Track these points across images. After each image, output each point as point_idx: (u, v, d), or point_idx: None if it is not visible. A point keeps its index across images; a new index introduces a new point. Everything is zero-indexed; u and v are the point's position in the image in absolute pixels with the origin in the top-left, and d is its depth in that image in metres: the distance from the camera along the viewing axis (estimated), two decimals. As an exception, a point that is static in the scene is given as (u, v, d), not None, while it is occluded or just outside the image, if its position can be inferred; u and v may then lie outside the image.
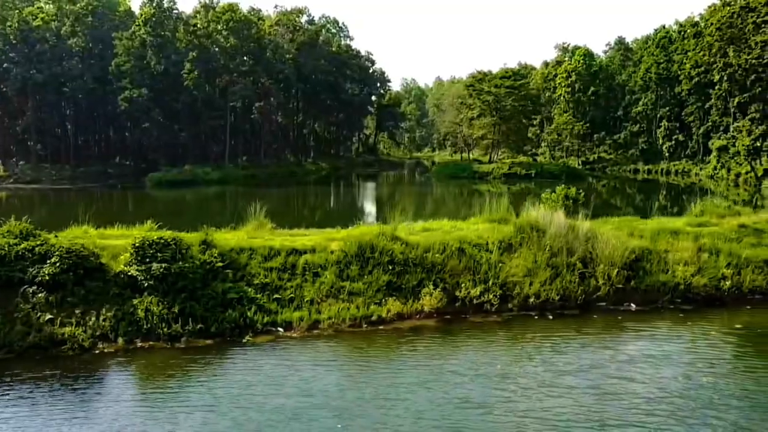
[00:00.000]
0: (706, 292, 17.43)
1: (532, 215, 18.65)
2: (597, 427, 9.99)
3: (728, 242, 19.31)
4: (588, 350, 13.74)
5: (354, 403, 10.93)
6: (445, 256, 17.02)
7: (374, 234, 17.27)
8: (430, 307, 15.82)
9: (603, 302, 16.94)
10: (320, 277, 16.40)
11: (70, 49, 70.14)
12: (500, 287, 16.58)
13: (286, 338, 14.53)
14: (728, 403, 10.78)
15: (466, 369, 12.47)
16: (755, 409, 10.56)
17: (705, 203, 23.80)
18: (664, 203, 57.09)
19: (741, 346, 13.95)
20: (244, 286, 15.72)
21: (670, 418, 10.22)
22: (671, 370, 12.31)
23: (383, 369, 12.69)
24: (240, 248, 16.99)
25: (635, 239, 18.93)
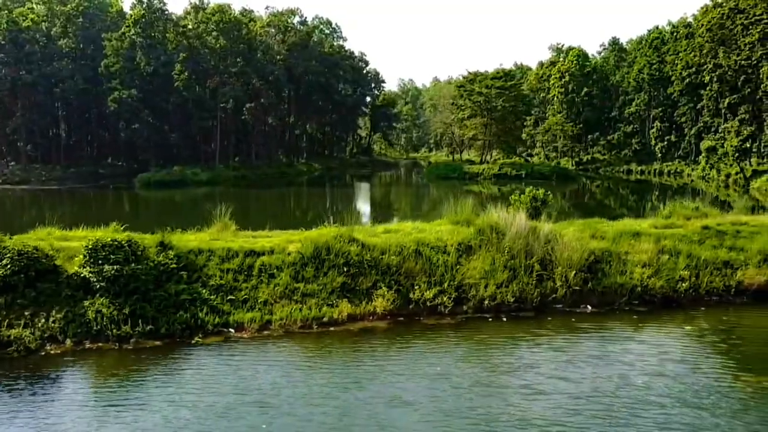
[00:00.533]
0: (662, 294, 17.48)
1: (493, 217, 18.71)
2: (518, 425, 10.11)
3: (689, 244, 19.36)
4: (531, 351, 13.83)
5: (286, 401, 11.05)
6: (402, 258, 17.08)
7: (331, 236, 17.35)
8: (382, 308, 15.89)
9: (560, 304, 17.00)
10: (275, 278, 16.48)
11: (60, 49, 70.24)
12: (456, 289, 16.65)
13: (236, 339, 14.60)
14: (658, 403, 10.87)
15: (405, 369, 12.59)
16: (681, 408, 10.64)
17: (673, 205, 23.81)
18: (656, 204, 57.04)
19: (686, 348, 14.01)
20: (198, 287, 15.80)
21: (593, 417, 10.32)
22: (608, 370, 12.40)
23: (322, 368, 12.79)
24: (199, 250, 17.07)
25: (596, 241, 19.02)
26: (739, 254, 19.17)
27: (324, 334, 15.06)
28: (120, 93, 64.35)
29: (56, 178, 67.25)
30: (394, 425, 10.16)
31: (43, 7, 72.23)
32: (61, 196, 54.10)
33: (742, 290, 18.10)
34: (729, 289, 18.02)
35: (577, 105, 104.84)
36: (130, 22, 66.38)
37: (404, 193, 66.27)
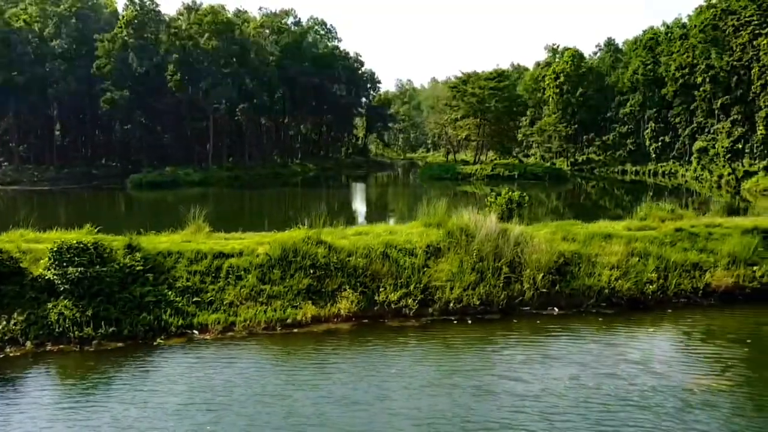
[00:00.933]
0: (630, 296, 17.54)
1: (463, 219, 18.77)
2: (460, 423, 10.25)
3: (660, 246, 19.40)
4: (488, 352, 13.97)
5: (237, 400, 11.17)
6: (369, 260, 17.14)
7: (299, 238, 17.43)
8: (346, 310, 15.96)
9: (527, 306, 17.04)
10: (242, 280, 16.55)
11: (53, 50, 70.33)
12: (422, 292, 16.71)
13: (200, 341, 14.68)
14: (602, 402, 10.98)
15: (361, 370, 12.73)
16: (624, 408, 10.77)
17: (649, 206, 23.88)
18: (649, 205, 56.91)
19: (644, 349, 14.07)
20: (164, 289, 15.87)
21: (537, 415, 10.45)
22: (562, 371, 12.50)
23: (278, 369, 12.96)
24: (168, 252, 17.15)
25: (567, 243, 19.07)
26: (709, 256, 19.24)
27: (287, 336, 15.14)
28: (112, 94, 64.43)
29: (49, 179, 67.36)
30: (337, 424, 10.29)
31: (35, 8, 72.30)
32: (51, 197, 54.23)
33: (710, 292, 18.17)
34: (697, 291, 18.08)
35: (572, 105, 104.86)
36: (122, 23, 66.46)
37: (396, 193, 66.40)
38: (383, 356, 13.70)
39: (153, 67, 67.66)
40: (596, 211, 45.45)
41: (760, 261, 19.32)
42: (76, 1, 71.67)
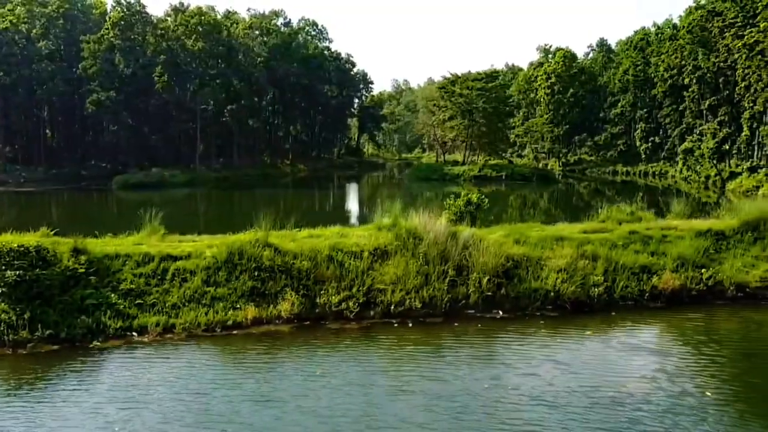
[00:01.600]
0: (575, 299, 17.60)
1: (413, 222, 18.85)
2: (367, 421, 10.45)
3: (612, 249, 19.47)
4: (417, 353, 14.13)
5: (156, 399, 11.38)
6: (314, 263, 17.26)
7: (246, 240, 17.54)
8: (287, 312, 16.07)
9: (472, 310, 17.13)
10: (187, 282, 16.64)
11: (40, 51, 70.43)
12: (365, 295, 16.79)
13: (137, 343, 14.78)
14: (515, 402, 11.18)
15: (286, 369, 13.05)
16: (535, 407, 10.96)
17: (609, 209, 23.97)
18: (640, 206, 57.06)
19: (573, 351, 14.19)
20: (107, 292, 15.95)
21: (446, 414, 10.65)
22: (485, 371, 12.71)
23: (206, 369, 13.09)
24: (116, 254, 17.27)
25: (519, 246, 19.13)
26: (660, 259, 19.34)
27: (226, 337, 15.24)
28: (98, 95, 64.52)
29: (37, 180, 67.42)
30: (246, 421, 10.52)
31: (23, 8, 72.40)
32: (34, 198, 54.34)
33: (657, 294, 18.25)
34: (643, 294, 18.18)
35: (563, 106, 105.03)
36: (109, 25, 66.54)
37: (380, 195, 66.41)
38: (312, 357, 13.86)
39: (140, 68, 67.77)
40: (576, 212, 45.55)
41: (709, 263, 19.46)
42: (64, 2, 71.74)
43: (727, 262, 19.63)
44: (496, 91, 79.94)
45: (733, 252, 20.26)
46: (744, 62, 52.51)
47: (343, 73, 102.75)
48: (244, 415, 10.77)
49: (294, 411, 10.90)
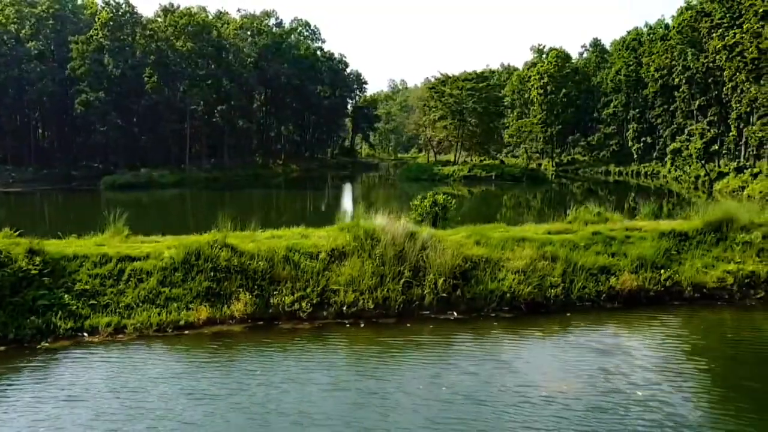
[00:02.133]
0: (532, 300, 17.67)
1: (372, 223, 18.91)
2: (294, 416, 10.72)
3: (573, 250, 19.53)
4: (361, 352, 14.30)
5: (93, 395, 11.63)
6: (271, 263, 17.33)
7: (204, 241, 17.62)
8: (240, 313, 16.15)
9: (427, 311, 17.21)
10: (143, 283, 16.73)
11: (29, 52, 70.50)
12: (319, 295, 16.87)
13: (87, 343, 14.85)
14: (448, 399, 11.36)
15: (226, 367, 13.30)
16: (463, 405, 11.16)
17: (577, 210, 24.03)
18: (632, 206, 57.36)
19: (520, 351, 14.30)
20: (61, 293, 16.01)
21: (377, 412, 10.92)
22: (426, 370, 12.88)
23: (144, 368, 13.23)
24: (74, 255, 17.35)
25: (479, 247, 19.18)
26: (620, 260, 19.39)
27: (177, 337, 15.31)
28: (87, 96, 64.57)
29: (26, 180, 67.51)
30: (178, 417, 10.74)
31: (12, 8, 72.46)
32: (20, 199, 54.43)
33: (614, 295, 18.31)
34: (601, 295, 18.26)
35: (556, 106, 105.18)
36: (97, 25, 66.61)
37: (368, 195, 66.51)
38: (257, 356, 14.06)
39: (129, 69, 67.85)
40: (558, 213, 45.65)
41: (669, 264, 19.52)
42: (54, 3, 71.80)
43: (688, 262, 19.71)
44: (486, 91, 79.94)
45: (694, 253, 20.34)
46: (725, 63, 52.52)
47: (335, 73, 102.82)
48: (177, 411, 10.97)
49: (227, 407, 11.10)
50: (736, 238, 20.82)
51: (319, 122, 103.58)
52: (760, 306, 18.43)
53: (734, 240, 20.80)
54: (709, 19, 64.14)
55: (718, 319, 17.61)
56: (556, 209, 46.90)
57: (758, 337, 16.37)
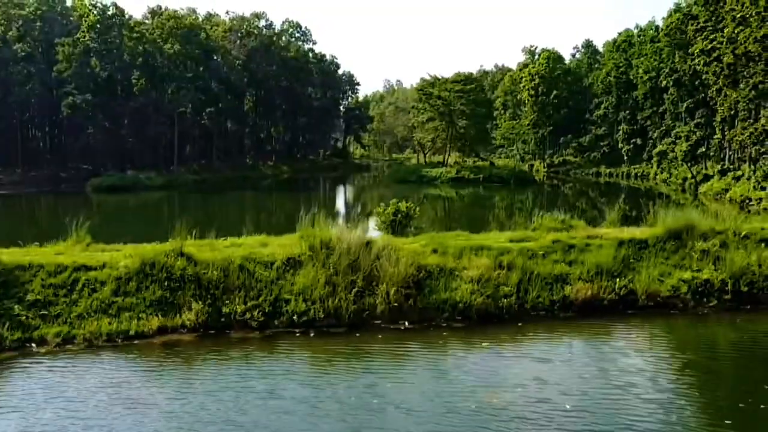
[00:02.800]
0: (485, 310, 17.77)
1: (328, 232, 19.03)
2: (221, 423, 11.04)
3: (531, 258, 19.63)
4: (305, 361, 14.65)
5: (36, 405, 11.90)
6: (225, 273, 17.45)
7: (161, 251, 17.73)
8: (191, 322, 16.27)
9: (378, 320, 17.32)
10: (97, 292, 16.82)
11: (16, 53, 70.51)
12: (271, 305, 16.99)
13: (35, 354, 14.95)
14: (373, 409, 11.62)
15: (167, 376, 13.66)
16: (385, 411, 11.48)
17: (542, 217, 24.07)
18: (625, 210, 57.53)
19: (461, 360, 14.53)
20: (12, 303, 16.08)
21: (304, 420, 11.19)
22: (361, 380, 13.17)
23: (86, 376, 13.44)
24: (29, 264, 17.46)
25: (436, 256, 19.29)
26: (576, 268, 19.47)
27: (128, 347, 15.44)
28: (74, 98, 64.63)
29: (14, 182, 67.44)
30: (108, 425, 11.01)
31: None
32: (5, 201, 54.53)
33: (568, 304, 18.44)
34: (554, 304, 18.37)
35: (547, 108, 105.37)
36: (84, 28, 66.65)
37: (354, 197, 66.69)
38: (200, 365, 14.38)
39: (116, 71, 67.90)
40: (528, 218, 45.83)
41: (626, 272, 19.62)
42: (42, 5, 71.84)
43: (645, 270, 19.78)
44: (475, 93, 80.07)
45: (652, 261, 20.42)
46: (703, 68, 52.75)
47: (327, 74, 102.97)
48: (108, 419, 11.17)
49: (158, 416, 11.32)
50: (694, 246, 20.93)
51: (309, 124, 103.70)
52: (712, 314, 18.58)
53: (693, 248, 20.91)
54: (695, 22, 64.27)
55: (668, 328, 17.80)
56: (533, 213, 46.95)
57: (704, 345, 16.57)
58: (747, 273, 19.74)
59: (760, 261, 20.43)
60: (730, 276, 19.55)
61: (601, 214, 46.39)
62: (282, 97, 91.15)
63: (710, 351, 16.25)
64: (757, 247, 21.23)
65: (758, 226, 23.63)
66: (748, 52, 37.46)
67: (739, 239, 21.61)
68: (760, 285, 19.58)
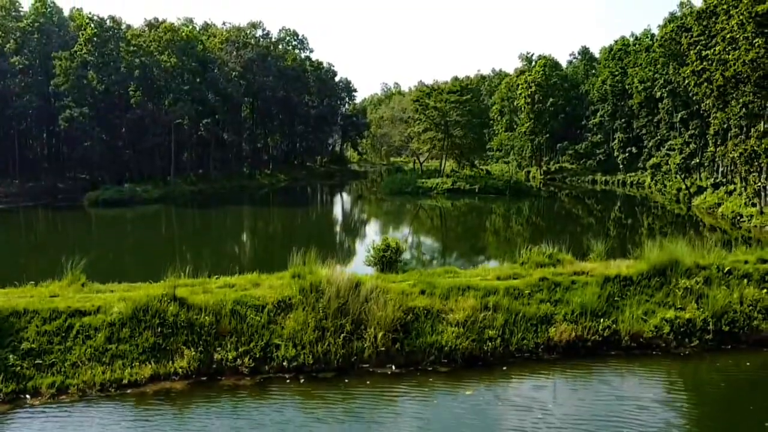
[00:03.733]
0: (469, 353, 18.14)
1: (318, 274, 19.41)
2: None
3: (517, 299, 20.02)
4: (290, 408, 15.27)
5: None
6: (217, 317, 17.82)
7: (154, 295, 18.09)
8: (183, 369, 16.64)
9: (366, 364, 17.70)
10: (91, 339, 17.19)
11: (13, 66, 70.77)
12: (262, 350, 17.38)
13: (28, 406, 15.31)
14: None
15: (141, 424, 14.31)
16: None
17: (529, 251, 24.39)
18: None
19: (440, 407, 14.96)
20: (6, 353, 16.40)
21: None
22: (339, 427, 13.89)
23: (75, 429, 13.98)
24: (24, 309, 17.80)
25: (423, 298, 19.63)
26: (561, 308, 19.83)
27: (121, 396, 15.80)
28: (71, 111, 64.90)
29: (11, 195, 67.55)
30: None
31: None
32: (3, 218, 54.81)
33: (553, 346, 18.82)
34: (539, 346, 18.74)
35: (544, 115, 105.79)
36: (82, 41, 66.94)
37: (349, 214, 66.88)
38: (187, 412, 14.85)
39: (114, 84, 68.20)
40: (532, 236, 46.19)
41: (610, 310, 20.00)
42: (39, 16, 72.13)
43: (628, 309, 20.16)
44: (471, 104, 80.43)
45: (636, 299, 20.81)
46: (693, 89, 53.13)
47: (323, 82, 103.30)
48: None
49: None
50: (678, 283, 21.34)
51: (306, 131, 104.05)
52: (694, 355, 18.93)
53: (676, 284, 21.33)
54: (689, 35, 64.61)
55: (650, 371, 18.11)
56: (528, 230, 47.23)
57: (686, 389, 16.97)
58: (729, 311, 20.17)
59: (741, 299, 20.93)
60: (712, 315, 19.96)
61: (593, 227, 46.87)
62: (279, 107, 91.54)
63: (692, 394, 16.67)
64: (739, 283, 21.71)
65: (742, 259, 24.11)
66: (738, 74, 37.85)
67: (722, 275, 22.12)
68: (741, 324, 20.00)
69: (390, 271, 23.21)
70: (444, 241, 48.23)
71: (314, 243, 46.55)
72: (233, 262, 21.75)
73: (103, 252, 36.15)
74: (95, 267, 21.56)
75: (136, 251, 37.59)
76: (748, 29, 35.85)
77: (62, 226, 53.09)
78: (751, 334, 19.91)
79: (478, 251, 43.04)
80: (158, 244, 43.77)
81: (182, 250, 37.19)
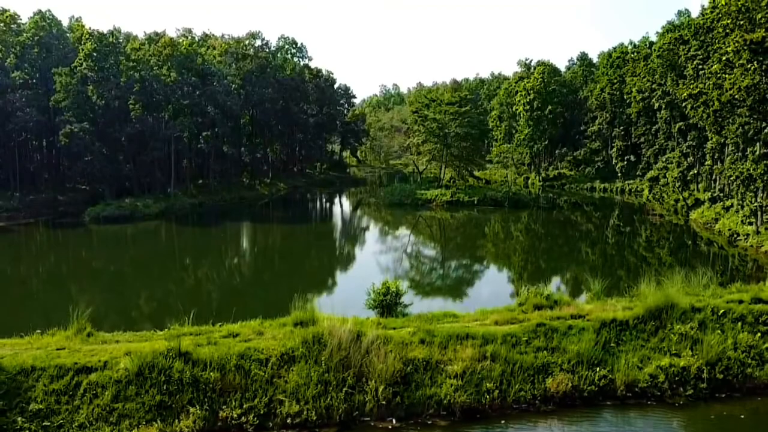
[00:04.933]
0: (468, 405, 18.50)
1: (320, 326, 19.77)
2: None
3: (515, 347, 20.37)
4: None
5: None
6: (222, 372, 18.16)
7: (159, 351, 18.40)
8: (189, 428, 16.99)
9: (368, 418, 18.06)
10: (98, 398, 17.52)
11: (14, 81, 70.94)
12: (266, 405, 17.73)
13: (39, 470, 15.69)
14: None
15: None
16: None
17: (528, 292, 24.72)
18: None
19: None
20: (15, 415, 16.70)
21: None
22: None
23: None
24: (32, 367, 18.09)
25: (422, 347, 19.94)
26: (558, 356, 20.17)
27: (124, 459, 16.16)
28: (71, 127, 65.05)
29: (11, 209, 67.43)
30: None
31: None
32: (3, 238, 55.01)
33: (549, 397, 19.16)
34: (536, 397, 19.07)
35: (542, 122, 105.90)
36: (81, 56, 67.13)
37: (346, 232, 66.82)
38: None
39: (113, 99, 68.41)
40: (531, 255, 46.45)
41: (606, 358, 20.34)
42: (39, 30, 72.31)
43: (624, 356, 20.51)
44: (470, 114, 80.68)
45: (632, 344, 21.17)
46: (690, 112, 53.39)
47: (322, 90, 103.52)
48: None
49: None
50: (673, 328, 21.72)
51: (306, 139, 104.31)
52: (688, 404, 19.26)
53: (671, 329, 21.72)
54: (686, 47, 64.93)
55: (644, 422, 18.40)
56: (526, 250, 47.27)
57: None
58: (723, 358, 20.54)
59: (735, 344, 21.31)
60: (707, 363, 20.32)
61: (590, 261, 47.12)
62: (278, 117, 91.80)
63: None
64: (733, 327, 22.11)
65: (736, 298, 24.51)
66: (734, 98, 38.20)
67: (717, 317, 22.52)
68: (735, 371, 20.37)
69: (390, 314, 23.55)
70: (444, 264, 48.51)
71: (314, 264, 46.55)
72: (235, 296, 22.00)
73: (107, 283, 36.44)
74: (99, 301, 21.79)
75: (138, 279, 37.75)
76: (744, 56, 36.17)
77: (65, 249, 53.25)
78: (745, 382, 20.26)
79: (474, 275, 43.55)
80: (160, 267, 43.96)
81: (183, 278, 37.40)
